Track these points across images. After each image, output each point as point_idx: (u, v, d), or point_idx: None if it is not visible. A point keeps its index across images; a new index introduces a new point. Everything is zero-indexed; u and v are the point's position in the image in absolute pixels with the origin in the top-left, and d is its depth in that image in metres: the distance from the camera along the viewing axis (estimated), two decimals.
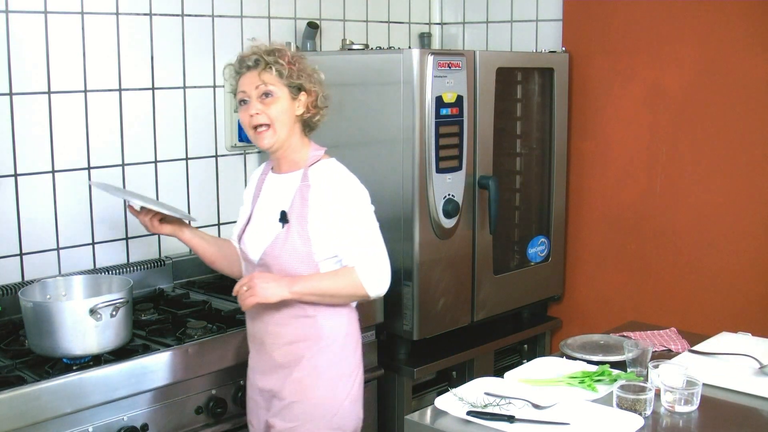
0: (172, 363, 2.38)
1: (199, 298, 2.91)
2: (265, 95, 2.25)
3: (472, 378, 2.75)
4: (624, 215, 3.51)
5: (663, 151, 3.37)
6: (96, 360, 2.28)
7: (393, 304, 3.01)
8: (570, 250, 3.68)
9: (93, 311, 2.23)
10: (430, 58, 2.87)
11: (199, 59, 3.15)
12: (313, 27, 3.45)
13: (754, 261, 3.19)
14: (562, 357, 2.40)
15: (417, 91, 2.86)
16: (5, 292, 2.62)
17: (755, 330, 2.67)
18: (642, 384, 2.05)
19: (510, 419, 1.94)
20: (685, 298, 3.35)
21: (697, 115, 3.27)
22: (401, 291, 3.00)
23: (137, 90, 2.99)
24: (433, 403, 2.06)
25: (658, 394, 2.05)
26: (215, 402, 2.50)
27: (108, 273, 2.83)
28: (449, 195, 2.99)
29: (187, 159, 3.16)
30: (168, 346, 2.41)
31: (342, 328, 2.32)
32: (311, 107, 2.32)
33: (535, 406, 2.01)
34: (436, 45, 4.11)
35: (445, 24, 4.11)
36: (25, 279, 2.72)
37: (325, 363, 2.28)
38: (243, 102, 2.28)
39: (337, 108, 3.10)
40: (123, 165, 2.97)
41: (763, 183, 3.14)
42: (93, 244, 2.91)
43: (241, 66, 2.29)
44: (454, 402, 2.05)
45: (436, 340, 3.12)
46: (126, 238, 2.99)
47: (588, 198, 3.61)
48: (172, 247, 3.06)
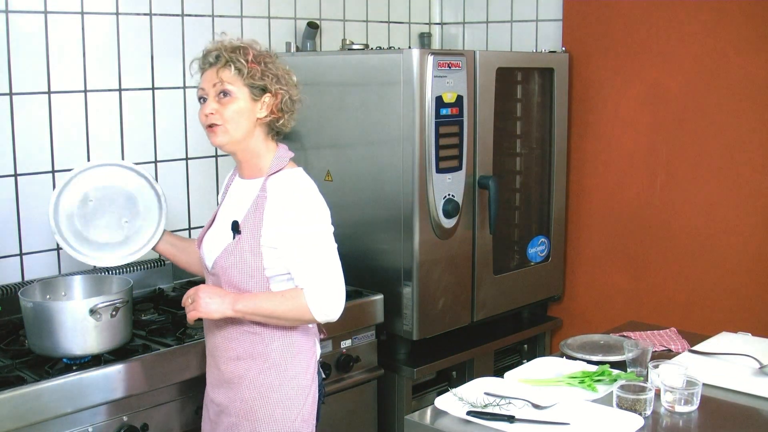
0: (172, 363, 2.38)
1: None
2: (223, 94, 2.11)
3: (472, 378, 2.75)
4: (624, 215, 3.51)
5: (663, 151, 3.37)
6: (96, 360, 2.27)
7: (393, 304, 3.01)
8: (570, 250, 3.68)
9: (93, 311, 2.23)
10: (430, 58, 2.87)
11: None
12: (313, 27, 3.45)
13: (754, 261, 3.19)
14: (562, 357, 2.40)
15: (417, 91, 2.86)
16: (5, 292, 2.62)
17: (755, 330, 2.67)
18: (642, 384, 2.05)
19: (510, 419, 1.94)
20: (685, 298, 3.35)
21: (697, 115, 3.27)
22: (401, 291, 3.00)
23: (137, 90, 2.99)
24: (433, 403, 2.06)
25: (658, 394, 2.05)
26: None
27: (108, 273, 2.83)
28: (449, 195, 2.99)
29: (187, 159, 3.16)
30: (168, 346, 2.41)
31: (291, 347, 2.18)
32: (275, 110, 2.16)
33: (535, 406, 2.01)
34: (436, 45, 4.11)
35: (445, 24, 4.11)
36: (25, 279, 2.72)
37: (271, 384, 2.16)
38: (202, 99, 2.15)
39: (337, 108, 3.12)
40: None
41: (763, 183, 3.15)
42: None
43: (204, 62, 2.17)
44: (454, 402, 2.04)
45: (436, 340, 3.11)
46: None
47: (588, 198, 3.61)
48: None
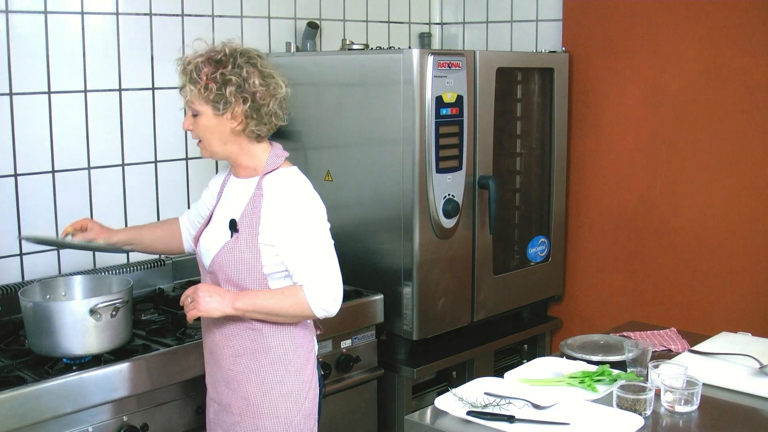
0: (172, 363, 2.38)
1: None
2: (193, 113, 2.17)
3: (472, 378, 2.75)
4: (624, 215, 3.51)
5: (663, 151, 3.37)
6: (96, 360, 2.28)
7: (393, 304, 3.01)
8: (570, 250, 3.68)
9: (93, 311, 2.23)
10: (430, 58, 2.87)
11: None
12: (313, 27, 3.45)
13: (754, 261, 3.19)
14: (562, 357, 2.40)
15: (417, 91, 2.86)
16: (5, 292, 2.62)
17: (755, 330, 2.67)
18: (642, 384, 2.05)
19: (510, 419, 1.94)
20: (685, 298, 3.35)
21: (697, 115, 3.27)
22: (401, 291, 3.00)
23: (137, 90, 2.99)
24: (433, 403, 2.06)
25: (658, 394, 2.05)
26: None
27: (108, 273, 2.83)
28: (449, 195, 2.99)
29: (187, 159, 3.16)
30: (168, 346, 2.41)
31: (291, 342, 2.21)
32: (246, 118, 2.14)
33: (535, 406, 2.01)
34: (436, 45, 4.11)
35: (445, 24, 4.11)
36: (25, 279, 2.72)
37: (272, 378, 2.19)
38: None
39: (337, 108, 3.12)
40: (123, 165, 2.97)
41: (763, 183, 3.14)
42: None
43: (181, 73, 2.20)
44: (454, 402, 2.04)
45: (436, 340, 3.11)
46: None
47: (588, 198, 3.61)
48: None
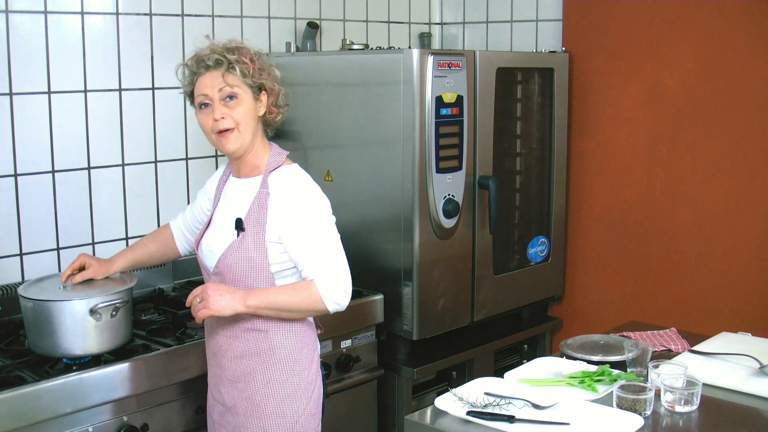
0: (172, 363, 2.38)
1: None
2: (230, 98, 2.11)
3: (472, 378, 2.75)
4: (624, 215, 3.51)
5: (663, 151, 3.37)
6: (96, 360, 2.28)
7: (393, 304, 3.01)
8: (570, 250, 3.68)
9: (93, 311, 2.23)
10: (430, 58, 2.87)
11: None
12: (313, 27, 3.45)
13: (754, 261, 3.19)
14: (562, 357, 2.40)
15: (417, 91, 2.86)
16: (5, 292, 2.62)
17: (755, 330, 2.67)
18: (642, 384, 2.05)
19: (510, 419, 1.94)
20: (685, 298, 3.35)
21: (697, 115, 3.27)
22: (401, 291, 3.00)
23: (137, 90, 2.99)
24: (433, 403, 2.06)
25: (658, 394, 2.05)
26: None
27: None
28: (449, 195, 2.99)
29: (187, 159, 3.16)
30: (168, 346, 2.41)
31: (295, 342, 2.20)
32: (272, 107, 2.20)
33: (535, 406, 2.01)
34: (436, 45, 4.11)
35: (445, 24, 4.11)
36: (25, 279, 2.72)
37: (277, 379, 2.18)
38: (204, 105, 2.14)
39: (337, 108, 3.12)
40: (123, 165, 2.98)
41: (763, 183, 3.14)
42: (93, 244, 2.91)
43: (199, 66, 2.14)
44: (454, 402, 2.04)
45: (436, 340, 3.11)
46: (126, 238, 2.99)
47: (588, 198, 3.61)
48: None
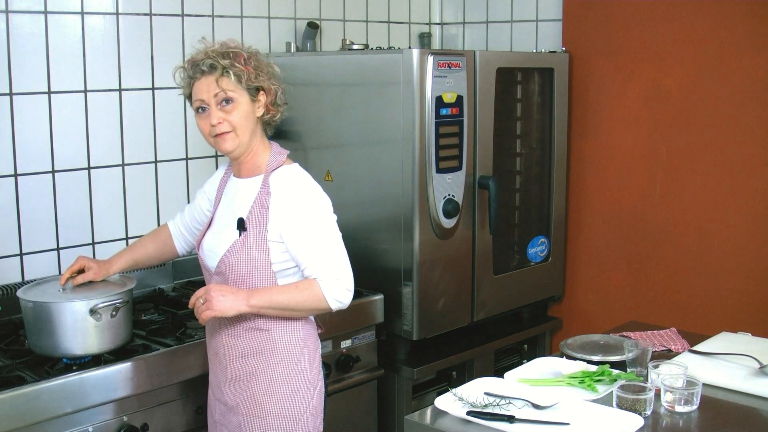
0: (172, 363, 2.38)
1: None
2: (225, 102, 2.13)
3: (472, 378, 2.75)
4: (624, 215, 3.51)
5: (663, 151, 3.37)
6: (96, 360, 2.28)
7: (393, 304, 3.01)
8: (570, 250, 3.68)
9: (93, 311, 2.23)
10: (430, 58, 2.87)
11: None
12: (313, 27, 3.45)
13: (754, 261, 3.19)
14: (562, 357, 2.40)
15: (417, 91, 2.86)
16: (5, 292, 2.62)
17: (755, 330, 2.67)
18: (642, 384, 2.05)
19: (510, 419, 1.94)
20: (685, 298, 3.35)
21: (697, 115, 3.27)
22: (401, 291, 3.00)
23: (137, 90, 2.99)
24: (433, 403, 2.06)
25: (658, 394, 2.05)
26: None
27: None
28: (449, 195, 2.99)
29: (187, 159, 3.16)
30: (168, 346, 2.41)
31: (297, 341, 2.21)
32: (270, 107, 2.21)
33: (535, 406, 2.01)
34: (436, 45, 4.11)
35: (445, 24, 4.11)
36: (25, 279, 2.72)
37: (280, 378, 2.19)
38: (201, 110, 2.17)
39: (337, 108, 3.12)
40: (123, 165, 2.98)
41: (763, 183, 3.14)
42: (93, 244, 2.91)
43: (195, 70, 2.16)
44: (454, 402, 2.04)
45: (436, 340, 3.12)
46: (126, 238, 2.99)
47: (588, 198, 3.61)
48: None
